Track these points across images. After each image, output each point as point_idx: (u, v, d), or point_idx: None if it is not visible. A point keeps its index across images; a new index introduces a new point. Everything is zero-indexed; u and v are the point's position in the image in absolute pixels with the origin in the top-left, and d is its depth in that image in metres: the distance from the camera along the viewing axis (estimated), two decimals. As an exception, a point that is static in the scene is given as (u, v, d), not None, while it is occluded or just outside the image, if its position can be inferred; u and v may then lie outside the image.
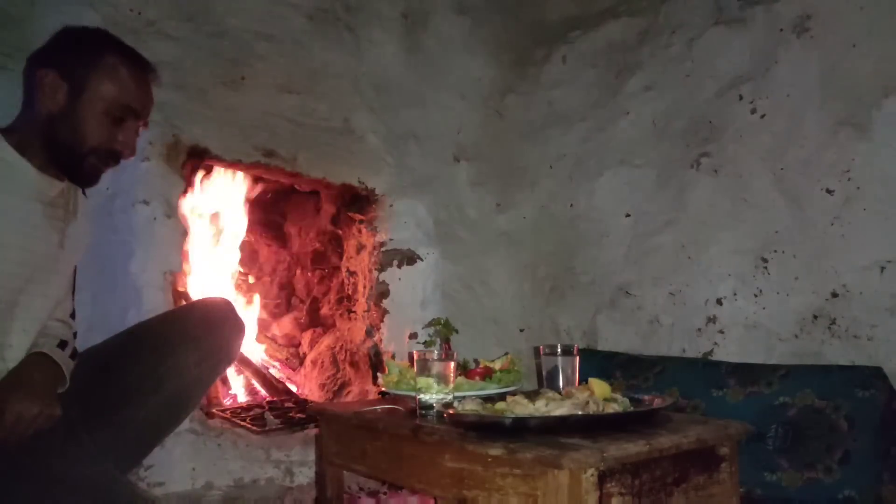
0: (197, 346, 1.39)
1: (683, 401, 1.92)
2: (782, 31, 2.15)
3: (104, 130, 1.36)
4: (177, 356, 1.37)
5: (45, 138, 1.33)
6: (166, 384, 1.36)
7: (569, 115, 2.68)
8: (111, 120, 1.36)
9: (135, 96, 1.39)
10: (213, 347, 1.43)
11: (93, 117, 1.34)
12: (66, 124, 1.33)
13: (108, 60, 1.37)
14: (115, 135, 1.37)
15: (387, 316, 2.47)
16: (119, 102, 1.36)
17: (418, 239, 2.51)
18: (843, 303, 1.97)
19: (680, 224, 2.31)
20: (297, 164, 2.29)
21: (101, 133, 1.35)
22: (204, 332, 1.42)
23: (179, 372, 1.37)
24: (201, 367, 1.41)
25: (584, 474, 1.06)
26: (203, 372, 1.42)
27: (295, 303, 2.97)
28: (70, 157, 1.35)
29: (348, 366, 2.58)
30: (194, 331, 1.42)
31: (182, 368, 1.37)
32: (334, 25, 2.51)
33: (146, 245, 1.95)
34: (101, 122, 1.35)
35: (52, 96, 1.32)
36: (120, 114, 1.37)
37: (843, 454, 1.70)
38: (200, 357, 1.40)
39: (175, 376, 1.36)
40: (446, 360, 1.42)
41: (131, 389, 1.33)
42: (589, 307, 2.50)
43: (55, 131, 1.33)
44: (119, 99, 1.36)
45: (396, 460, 1.41)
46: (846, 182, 1.98)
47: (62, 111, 1.33)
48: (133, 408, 1.32)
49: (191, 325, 1.43)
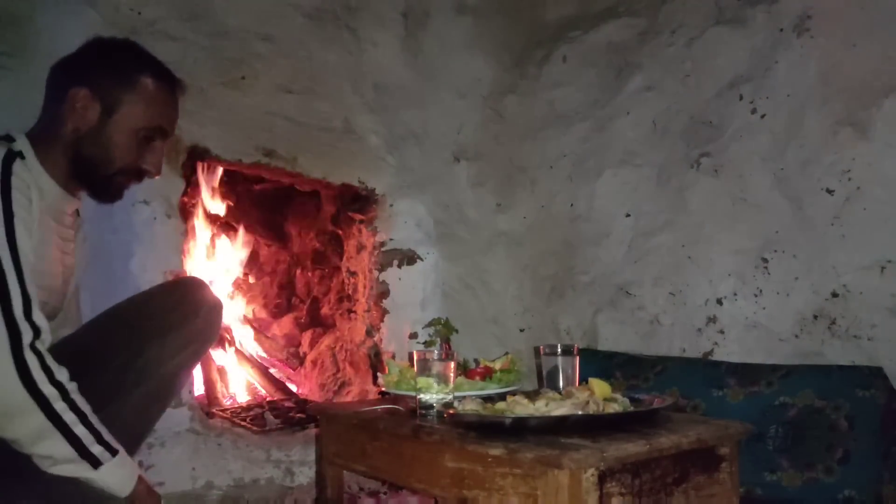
0: (176, 335, 1.35)
1: (683, 401, 1.92)
2: (782, 31, 2.15)
3: (133, 152, 1.34)
4: (156, 347, 1.32)
5: (71, 155, 1.31)
6: (148, 376, 1.32)
7: (569, 115, 2.68)
8: (141, 140, 1.35)
9: (165, 117, 1.38)
10: (193, 332, 1.38)
11: (124, 139, 1.33)
12: (95, 144, 1.31)
13: (143, 81, 1.34)
14: (144, 155, 1.36)
15: (387, 316, 2.47)
16: (151, 124, 1.35)
17: (418, 239, 2.51)
18: (843, 303, 1.97)
19: (680, 224, 2.31)
20: (298, 164, 2.29)
21: (131, 154, 1.34)
22: (182, 318, 1.37)
23: (161, 362, 1.33)
24: (182, 355, 1.37)
25: (584, 474, 1.06)
26: (184, 359, 1.38)
27: (295, 303, 2.98)
28: (97, 176, 1.34)
29: (348, 366, 2.58)
30: (171, 318, 1.36)
31: (163, 359, 1.33)
32: (334, 25, 2.51)
33: (146, 245, 1.95)
34: (132, 144, 1.34)
35: (82, 115, 1.30)
36: (150, 135, 1.36)
37: (843, 454, 1.70)
38: (181, 344, 1.36)
39: (156, 367, 1.33)
40: (446, 360, 1.42)
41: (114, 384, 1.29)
42: (589, 307, 2.50)
43: (82, 149, 1.31)
44: (151, 121, 1.35)
45: (396, 460, 1.41)
46: (846, 182, 1.98)
47: (91, 130, 1.31)
48: (118, 403, 1.28)
49: (167, 311, 1.37)
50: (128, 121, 1.32)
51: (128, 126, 1.32)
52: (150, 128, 1.35)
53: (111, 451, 1.17)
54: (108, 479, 1.17)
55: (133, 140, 1.33)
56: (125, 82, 1.33)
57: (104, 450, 1.16)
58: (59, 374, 1.14)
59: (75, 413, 1.14)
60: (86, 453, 1.15)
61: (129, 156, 1.34)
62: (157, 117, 1.36)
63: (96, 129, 1.31)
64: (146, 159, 1.36)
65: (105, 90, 1.31)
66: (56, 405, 1.12)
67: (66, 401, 1.13)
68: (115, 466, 1.17)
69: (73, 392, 1.15)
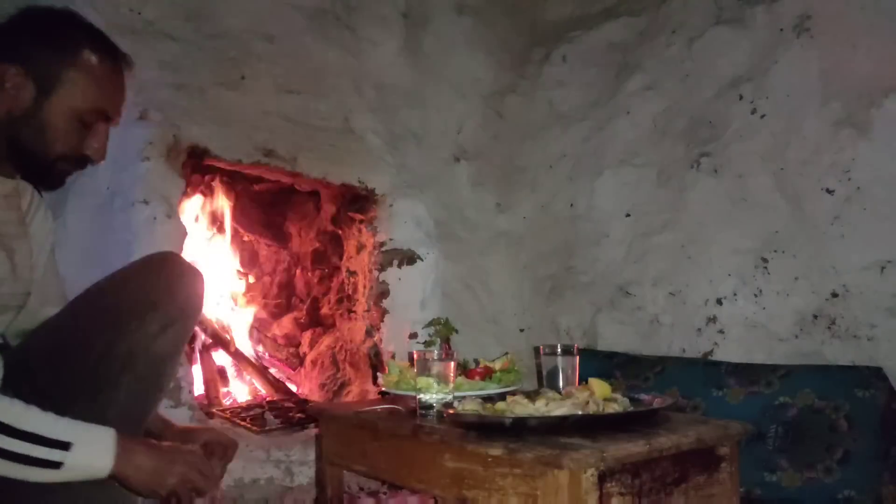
0: (157, 313, 1.24)
1: (683, 401, 1.92)
2: (782, 31, 2.15)
3: (74, 136, 1.21)
4: (137, 329, 1.22)
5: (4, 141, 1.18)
6: (135, 359, 1.22)
7: (569, 115, 2.68)
8: (83, 125, 1.21)
9: (111, 98, 1.24)
10: (175, 308, 1.26)
11: (63, 123, 1.19)
12: (30, 128, 1.18)
13: (84, 57, 1.20)
14: (87, 140, 1.23)
15: (387, 316, 2.47)
16: (94, 106, 1.21)
17: (418, 239, 2.51)
18: (843, 303, 1.97)
19: (680, 224, 2.31)
20: (297, 164, 2.29)
21: (71, 139, 1.21)
22: (160, 294, 1.25)
23: (146, 343, 1.23)
24: (169, 332, 1.26)
25: (584, 474, 1.07)
26: (172, 336, 1.28)
27: (295, 303, 2.97)
28: (34, 163, 1.22)
29: (348, 366, 2.58)
30: (150, 296, 1.24)
31: (147, 340, 1.23)
32: (334, 25, 2.51)
33: (146, 245, 1.94)
34: (72, 128, 1.20)
35: (14, 95, 1.16)
36: (93, 118, 1.22)
37: (843, 454, 1.70)
38: (165, 322, 1.25)
39: (142, 349, 1.23)
40: (446, 360, 1.42)
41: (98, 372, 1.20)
42: (589, 307, 2.50)
43: (17, 134, 1.18)
44: (95, 103, 1.21)
45: (396, 460, 1.41)
46: (846, 182, 1.98)
47: (26, 113, 1.17)
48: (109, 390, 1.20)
49: (144, 290, 1.25)
50: (66, 102, 1.18)
51: (66, 108, 1.19)
52: (93, 110, 1.21)
53: (61, 445, 1.05)
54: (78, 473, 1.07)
55: (73, 124, 1.20)
56: (63, 58, 1.18)
57: (51, 448, 1.05)
58: None
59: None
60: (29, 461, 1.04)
61: (70, 142, 1.21)
62: (101, 98, 1.22)
63: (31, 112, 1.17)
64: (89, 145, 1.23)
65: (40, 67, 1.17)
66: None
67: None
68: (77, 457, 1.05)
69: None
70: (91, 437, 1.09)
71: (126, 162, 1.95)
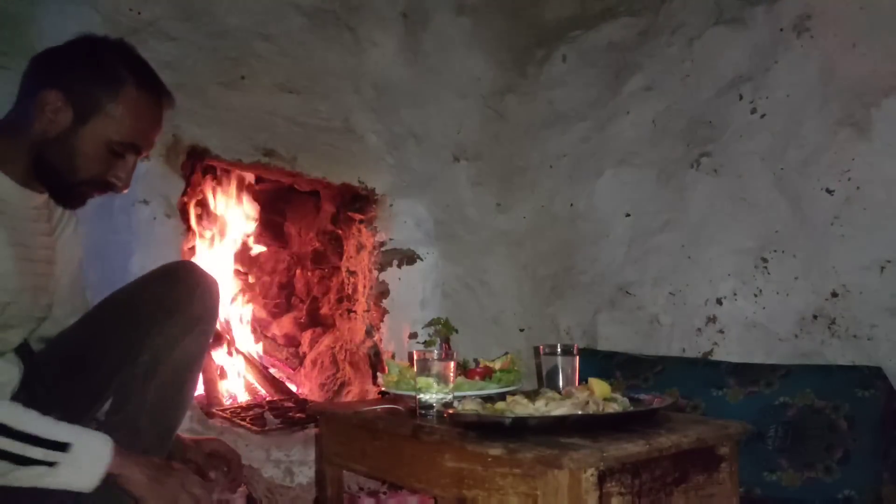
0: (175, 320, 1.27)
1: (683, 401, 1.92)
2: (782, 31, 2.15)
3: (102, 164, 1.22)
4: (157, 337, 1.25)
5: (33, 157, 1.20)
6: (158, 366, 1.25)
7: (569, 115, 2.68)
8: (113, 154, 1.23)
9: (143, 133, 1.26)
10: (193, 315, 1.29)
11: (92, 150, 1.20)
12: (60, 151, 1.19)
13: (126, 90, 1.22)
14: (113, 168, 1.24)
15: (387, 316, 2.47)
16: (125, 140, 1.22)
17: (418, 239, 2.51)
18: (843, 303, 1.97)
19: (680, 224, 2.31)
20: (297, 164, 2.29)
21: (98, 167, 1.22)
22: (178, 302, 1.28)
23: (167, 351, 1.25)
24: (188, 338, 1.29)
25: (583, 474, 1.07)
26: (193, 342, 1.31)
27: (295, 303, 2.98)
28: (58, 183, 1.23)
29: (348, 365, 2.58)
30: (167, 304, 1.27)
31: (168, 347, 1.26)
32: (334, 25, 2.51)
33: (146, 245, 1.95)
34: (101, 157, 1.22)
35: (51, 119, 1.18)
36: (124, 150, 1.23)
37: (843, 454, 1.70)
38: (184, 329, 1.28)
39: (164, 356, 1.25)
40: (446, 360, 1.42)
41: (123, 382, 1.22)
42: (589, 307, 2.50)
43: (46, 154, 1.20)
44: (128, 136, 1.22)
45: (396, 460, 1.41)
46: (846, 182, 1.98)
47: (59, 136, 1.19)
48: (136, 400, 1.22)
49: (161, 298, 1.28)
50: (100, 132, 1.20)
51: (99, 138, 1.20)
52: (125, 143, 1.23)
53: (58, 447, 1.06)
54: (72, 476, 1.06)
55: (103, 153, 1.21)
56: (105, 89, 1.20)
57: (47, 450, 1.05)
58: None
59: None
60: (25, 461, 1.05)
61: (96, 168, 1.22)
62: (134, 133, 1.23)
63: (64, 136, 1.19)
64: (115, 174, 1.24)
65: (81, 95, 1.19)
66: None
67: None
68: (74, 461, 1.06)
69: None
70: (88, 441, 1.09)
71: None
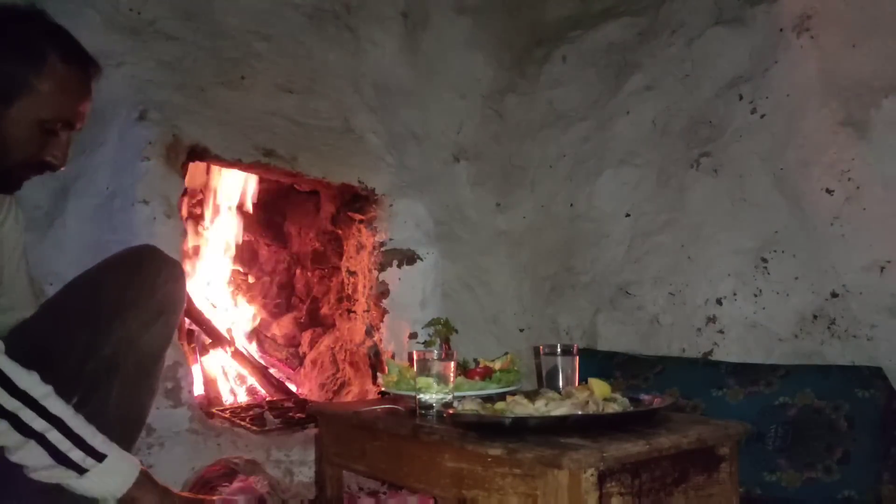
0: (138, 310, 1.22)
1: (683, 401, 1.92)
2: (782, 31, 2.15)
3: (35, 145, 1.15)
4: (119, 328, 1.20)
5: None
6: (122, 359, 1.22)
7: (569, 114, 2.68)
8: (45, 133, 1.15)
9: (76, 106, 1.18)
10: (156, 304, 1.24)
11: (24, 132, 1.13)
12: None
13: (51, 63, 1.14)
14: (47, 147, 1.17)
15: (386, 316, 2.47)
16: (58, 115, 1.15)
17: (418, 239, 2.51)
18: (843, 303, 1.97)
19: (680, 224, 2.31)
20: (297, 164, 2.29)
21: (31, 148, 1.15)
22: (140, 290, 1.22)
23: (130, 342, 1.21)
24: (153, 328, 1.24)
25: (583, 474, 1.06)
26: (158, 331, 1.26)
27: (295, 303, 2.97)
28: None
29: (348, 366, 2.58)
30: (129, 294, 1.22)
31: (132, 338, 1.21)
32: (334, 25, 2.51)
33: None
34: (33, 137, 1.14)
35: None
36: (56, 126, 1.16)
37: (843, 454, 1.70)
38: (148, 318, 1.23)
39: (127, 348, 1.21)
40: (446, 360, 1.42)
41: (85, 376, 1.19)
42: (589, 307, 2.50)
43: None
44: (59, 112, 1.15)
45: (396, 460, 1.41)
46: (846, 182, 1.98)
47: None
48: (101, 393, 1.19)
49: (122, 287, 1.23)
50: (29, 111, 1.13)
51: (29, 118, 1.13)
52: (56, 119, 1.15)
53: (96, 455, 1.08)
54: (94, 486, 1.09)
55: (35, 133, 1.14)
56: (27, 63, 1.12)
57: (86, 455, 1.08)
58: (24, 381, 1.06)
59: (47, 420, 1.06)
60: (64, 460, 1.07)
61: (29, 149, 1.15)
62: (66, 107, 1.16)
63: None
64: (49, 152, 1.17)
65: (2, 75, 1.11)
66: (22, 415, 1.04)
67: (34, 409, 1.05)
68: (102, 473, 1.09)
69: (45, 398, 1.07)
70: (121, 458, 1.12)
71: (126, 162, 1.95)
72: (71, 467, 1.08)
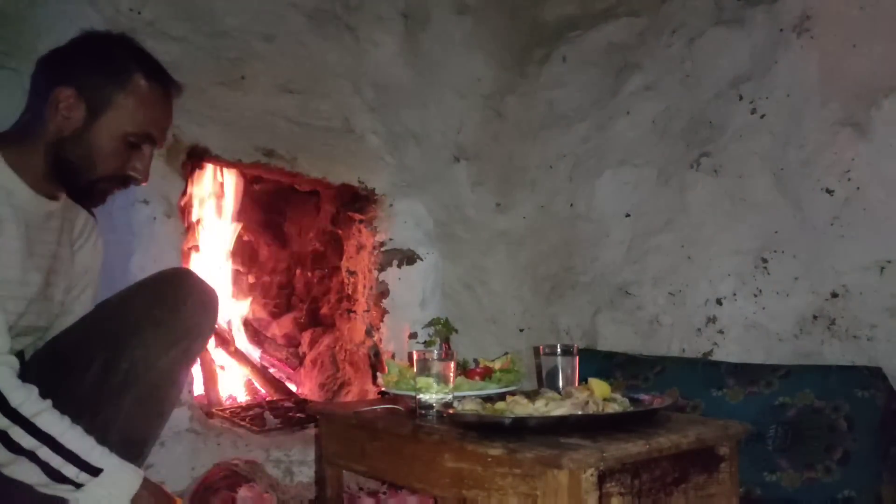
0: (161, 331, 1.24)
1: (683, 401, 1.92)
2: (782, 31, 2.15)
3: (119, 158, 1.24)
4: (139, 347, 1.22)
5: (51, 158, 1.21)
6: (136, 378, 1.22)
7: (569, 115, 2.68)
8: (128, 147, 1.24)
9: (157, 122, 1.27)
10: (181, 328, 1.26)
11: (109, 144, 1.22)
12: (77, 148, 1.21)
13: (135, 81, 1.23)
14: (131, 161, 1.25)
15: (386, 316, 2.47)
16: (140, 130, 1.24)
17: (418, 239, 2.51)
18: (843, 303, 1.97)
19: (680, 224, 2.31)
20: (297, 164, 2.29)
21: (116, 161, 1.24)
22: (166, 312, 1.25)
23: (147, 362, 1.22)
24: (172, 353, 1.26)
25: (583, 474, 1.07)
26: (176, 357, 1.27)
27: (295, 303, 2.97)
28: (77, 182, 1.24)
29: (348, 365, 2.58)
30: (154, 314, 1.24)
31: (149, 358, 1.23)
32: (334, 25, 2.51)
33: (146, 245, 1.95)
34: (118, 150, 1.23)
35: (66, 116, 1.20)
36: (139, 141, 1.25)
37: (843, 454, 1.70)
38: (169, 341, 1.25)
39: (144, 368, 1.22)
40: (446, 360, 1.42)
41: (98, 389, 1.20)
42: (589, 307, 2.50)
43: (64, 153, 1.21)
44: (141, 126, 1.24)
45: (396, 460, 1.41)
46: (846, 182, 1.98)
47: (75, 133, 1.20)
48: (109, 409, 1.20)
49: (149, 307, 1.25)
50: (115, 125, 1.21)
51: (114, 131, 1.22)
52: (139, 133, 1.24)
53: (91, 470, 1.10)
54: (92, 499, 1.10)
55: (119, 146, 1.23)
56: (115, 82, 1.22)
57: (80, 470, 1.09)
58: (18, 397, 1.07)
59: (38, 438, 1.07)
60: (57, 476, 1.08)
61: (115, 162, 1.23)
62: (148, 122, 1.25)
63: (80, 133, 1.21)
64: (133, 166, 1.26)
65: (92, 90, 1.20)
66: (12, 433, 1.06)
67: (24, 427, 1.06)
68: (100, 486, 1.10)
69: (37, 415, 1.08)
70: (119, 471, 1.14)
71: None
72: (65, 482, 1.09)
